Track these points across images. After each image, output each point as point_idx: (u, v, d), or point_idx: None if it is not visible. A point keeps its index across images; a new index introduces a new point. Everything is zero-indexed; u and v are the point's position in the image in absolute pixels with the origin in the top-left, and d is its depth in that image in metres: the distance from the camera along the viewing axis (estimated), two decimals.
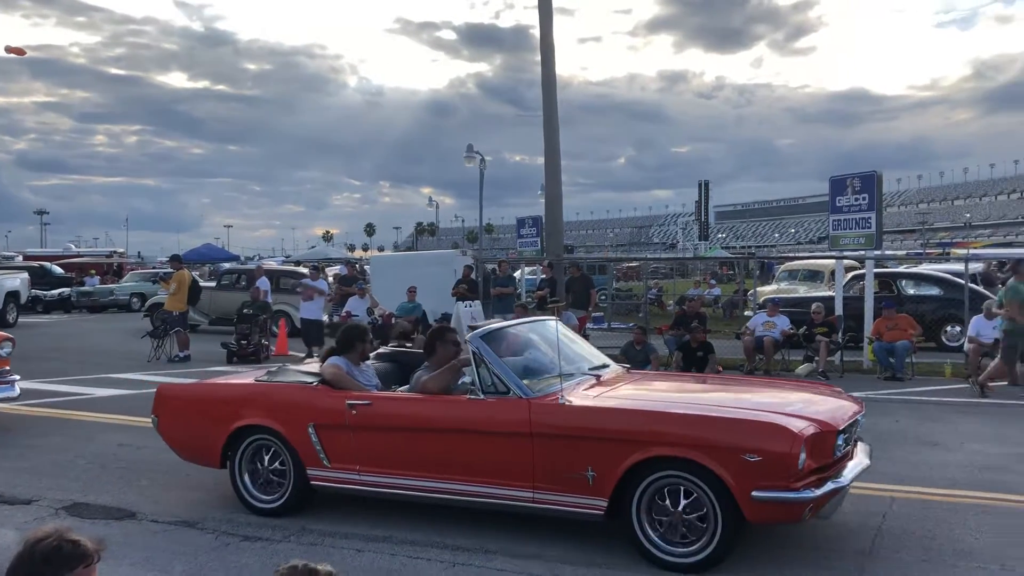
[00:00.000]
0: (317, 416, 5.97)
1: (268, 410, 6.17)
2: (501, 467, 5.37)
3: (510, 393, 5.42)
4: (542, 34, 18.73)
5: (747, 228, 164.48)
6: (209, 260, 38.66)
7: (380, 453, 5.80)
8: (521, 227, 23.22)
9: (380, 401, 5.93)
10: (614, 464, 5.02)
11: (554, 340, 6.21)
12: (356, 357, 6.34)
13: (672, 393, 6.26)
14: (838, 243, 15.15)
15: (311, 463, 6.00)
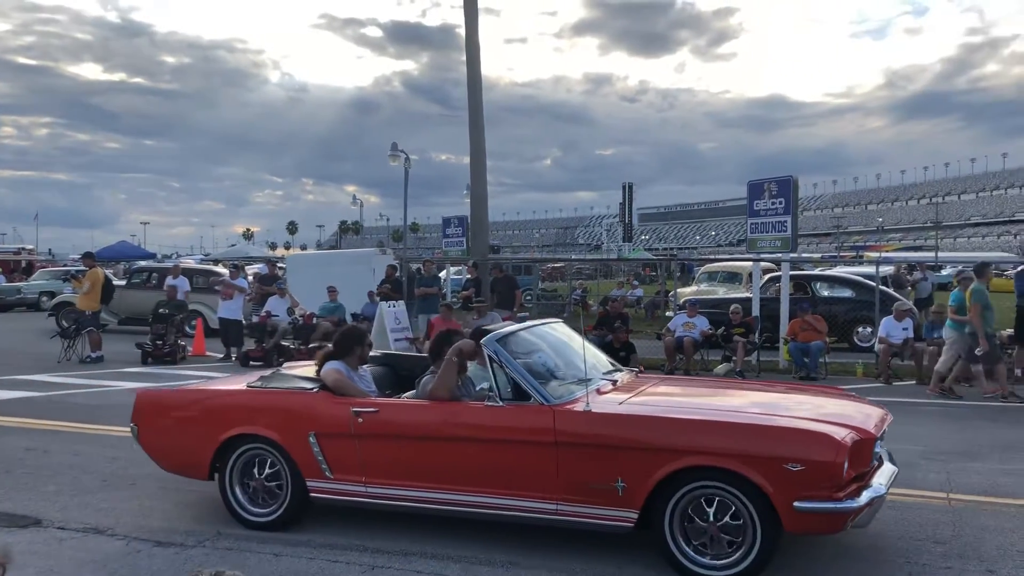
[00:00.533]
0: (319, 424, 5.63)
1: (263, 418, 5.81)
2: (522, 477, 5.12)
3: (531, 400, 5.19)
4: (467, 34, 18.72)
5: (669, 230, 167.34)
6: (124, 258, 37.53)
7: (389, 463, 5.49)
8: (447, 227, 23.16)
9: (389, 408, 5.61)
10: (646, 474, 4.83)
11: (558, 343, 6.04)
12: (355, 361, 6.05)
13: (698, 400, 5.96)
14: (755, 246, 15.50)
15: (311, 474, 5.66)
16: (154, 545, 5.47)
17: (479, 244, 19.09)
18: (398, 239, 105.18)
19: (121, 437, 8.73)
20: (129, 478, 7.09)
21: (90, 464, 7.57)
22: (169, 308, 15.77)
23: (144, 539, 5.58)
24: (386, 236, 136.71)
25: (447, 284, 22.10)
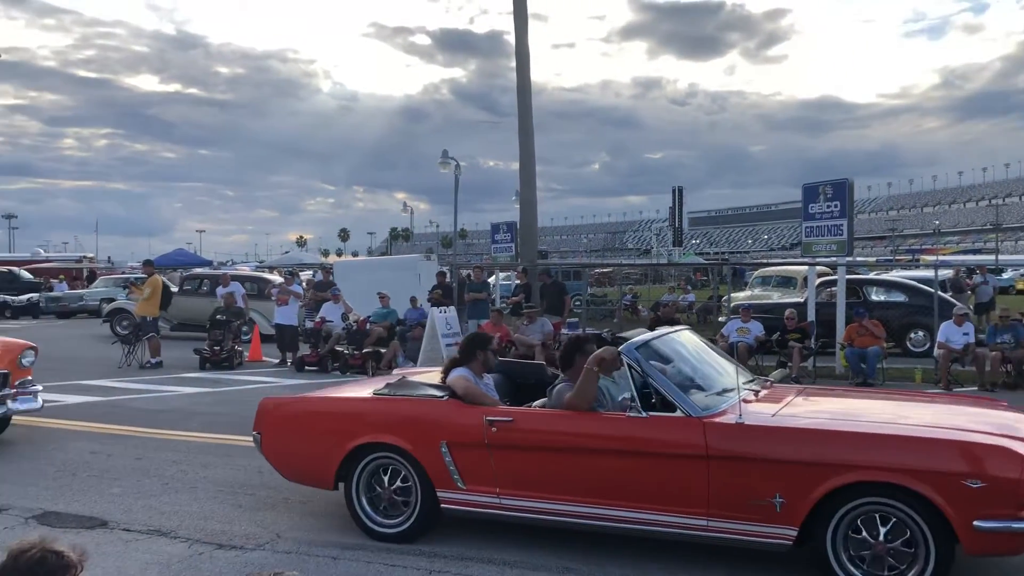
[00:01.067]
0: (451, 433, 5.46)
1: (393, 426, 5.66)
2: (669, 492, 4.92)
3: (676, 411, 4.99)
4: (517, 40, 18.79)
5: (720, 234, 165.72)
6: (181, 265, 38.28)
7: (525, 475, 5.30)
8: (496, 232, 23.25)
9: (525, 417, 5.42)
10: (807, 490, 4.61)
11: (689, 352, 5.82)
12: (479, 368, 5.91)
13: (856, 411, 5.57)
14: (810, 250, 15.30)
15: (442, 485, 5.49)
16: (215, 548, 5.58)
17: (528, 249, 19.13)
18: (447, 245, 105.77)
19: (180, 441, 8.95)
20: (189, 482, 7.24)
21: (152, 467, 7.74)
22: (226, 314, 16.06)
23: (206, 542, 5.69)
24: (435, 242, 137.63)
25: (496, 290, 22.16)
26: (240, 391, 12.83)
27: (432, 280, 20.09)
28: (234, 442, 8.84)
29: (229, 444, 8.76)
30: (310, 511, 6.38)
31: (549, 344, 13.96)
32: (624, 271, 37.78)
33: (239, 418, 10.31)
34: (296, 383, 13.69)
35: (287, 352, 16.14)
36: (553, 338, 14.21)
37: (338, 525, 6.01)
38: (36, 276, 35.82)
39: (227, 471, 7.59)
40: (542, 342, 13.76)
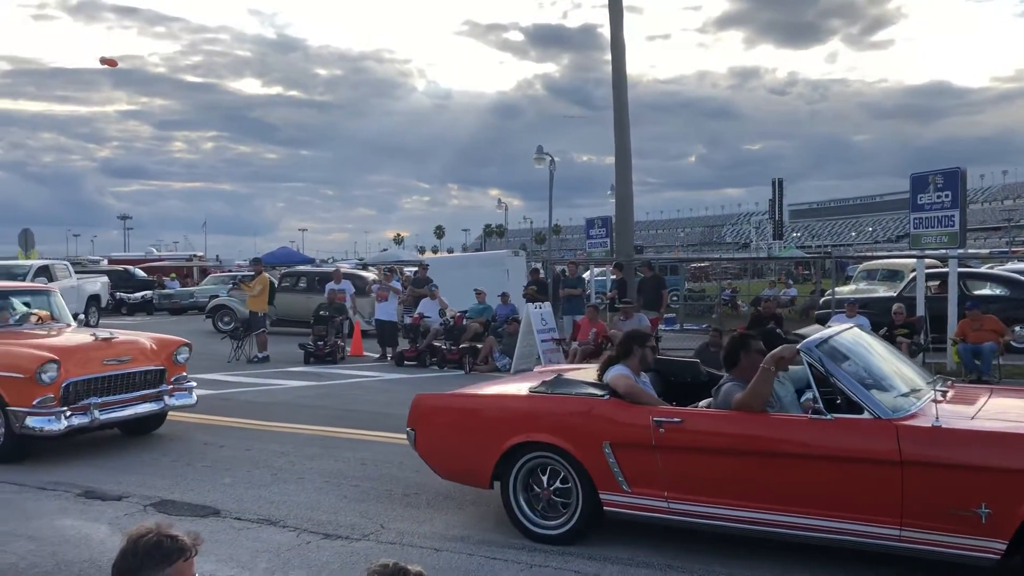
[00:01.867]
0: (615, 434, 5.31)
1: (553, 425, 5.53)
2: (858, 499, 4.67)
3: (863, 412, 4.75)
4: (612, 33, 18.64)
5: (823, 227, 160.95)
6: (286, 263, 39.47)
7: (695, 479, 5.11)
8: (591, 228, 23.15)
9: (695, 418, 5.23)
10: (1018, 500, 4.32)
11: (865, 350, 5.58)
12: (636, 365, 5.73)
13: None
14: (919, 242, 14.74)
15: (606, 486, 5.34)
16: (322, 537, 5.74)
17: (624, 244, 18.96)
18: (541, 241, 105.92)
19: (287, 433, 9.23)
20: (297, 472, 7.46)
21: (261, 458, 8.01)
22: (330, 311, 16.47)
23: (313, 531, 5.86)
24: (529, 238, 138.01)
25: (591, 285, 22.08)
26: (343, 384, 13.17)
27: (520, 276, 20.20)
28: (338, 435, 9.08)
29: (333, 436, 9.00)
30: (412, 503, 6.49)
31: None
32: (721, 265, 37.08)
33: (343, 411, 10.61)
34: (396, 377, 13.95)
35: (387, 347, 16.45)
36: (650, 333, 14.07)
37: (440, 517, 6.12)
38: (149, 274, 37.48)
39: (332, 462, 7.80)
40: None
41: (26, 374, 7.59)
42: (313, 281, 21.84)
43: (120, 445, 8.69)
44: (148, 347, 8.74)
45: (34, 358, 7.72)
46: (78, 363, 7.97)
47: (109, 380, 8.18)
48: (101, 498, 6.70)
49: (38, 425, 7.55)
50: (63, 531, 5.88)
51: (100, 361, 8.18)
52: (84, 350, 8.25)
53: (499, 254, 25.74)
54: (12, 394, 7.63)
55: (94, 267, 37.69)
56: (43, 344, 8.27)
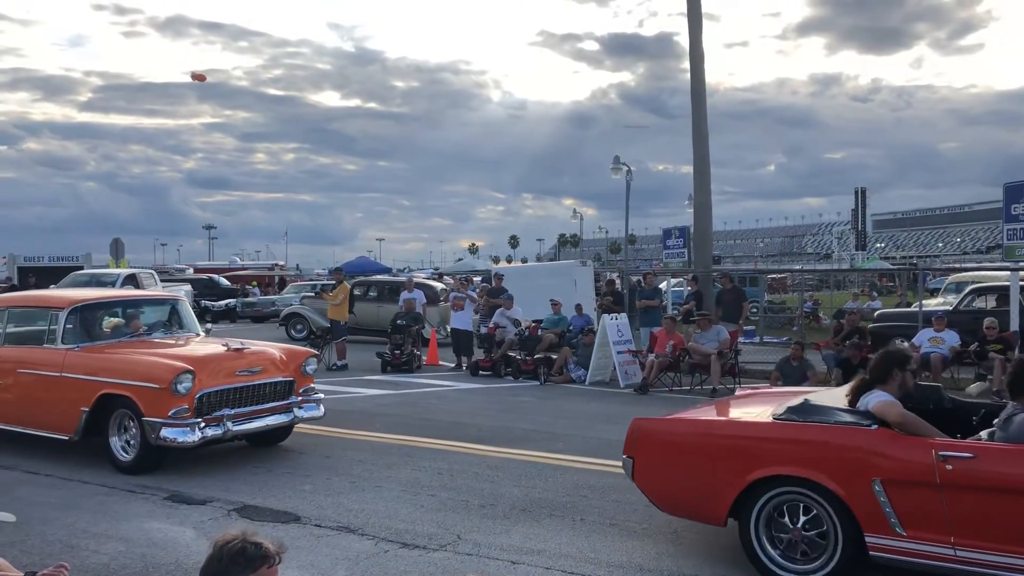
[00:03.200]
0: (887, 469, 4.73)
1: (808, 458, 4.96)
2: None
3: None
4: (691, 42, 18.46)
5: (908, 237, 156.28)
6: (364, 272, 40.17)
7: (991, 524, 4.47)
8: (667, 238, 22.90)
9: (990, 454, 4.58)
10: None
11: None
12: (895, 389, 5.05)
13: None
14: (1013, 253, 14.20)
15: (873, 528, 4.75)
16: (400, 547, 5.77)
17: (702, 255, 18.71)
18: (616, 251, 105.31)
19: (365, 441, 9.35)
20: (375, 480, 7.54)
21: (339, 466, 8.12)
22: (406, 320, 16.65)
23: (391, 540, 5.90)
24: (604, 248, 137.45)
25: (668, 296, 21.85)
26: (420, 393, 13.28)
27: (588, 286, 20.13)
28: (415, 444, 9.15)
29: (411, 445, 9.07)
30: (489, 514, 6.48)
31: (726, 353, 13.61)
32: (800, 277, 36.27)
33: (420, 420, 10.69)
34: (472, 387, 14.02)
35: (462, 356, 16.55)
36: (730, 346, 13.84)
37: (517, 529, 6.09)
38: (233, 283, 38.51)
39: (409, 472, 7.86)
40: (718, 351, 13.42)
41: (162, 384, 7.49)
42: (384, 290, 22.14)
43: (201, 452, 8.90)
44: (278, 358, 8.59)
45: (170, 368, 7.63)
46: (211, 374, 7.87)
47: (241, 391, 8.08)
48: (187, 502, 6.88)
49: (173, 436, 7.47)
50: (151, 534, 6.05)
51: (232, 372, 8.09)
52: (217, 360, 8.12)
53: (567, 264, 25.73)
54: (148, 404, 7.55)
55: (180, 275, 38.92)
56: (177, 354, 8.20)
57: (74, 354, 8.20)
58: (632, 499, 6.86)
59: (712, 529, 5.73)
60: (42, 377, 8.31)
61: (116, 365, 7.99)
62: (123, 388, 7.72)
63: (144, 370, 7.76)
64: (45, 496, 7.10)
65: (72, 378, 8.04)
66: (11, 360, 8.62)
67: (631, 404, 12.39)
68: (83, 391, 7.89)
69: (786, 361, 12.85)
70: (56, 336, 8.37)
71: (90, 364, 8.06)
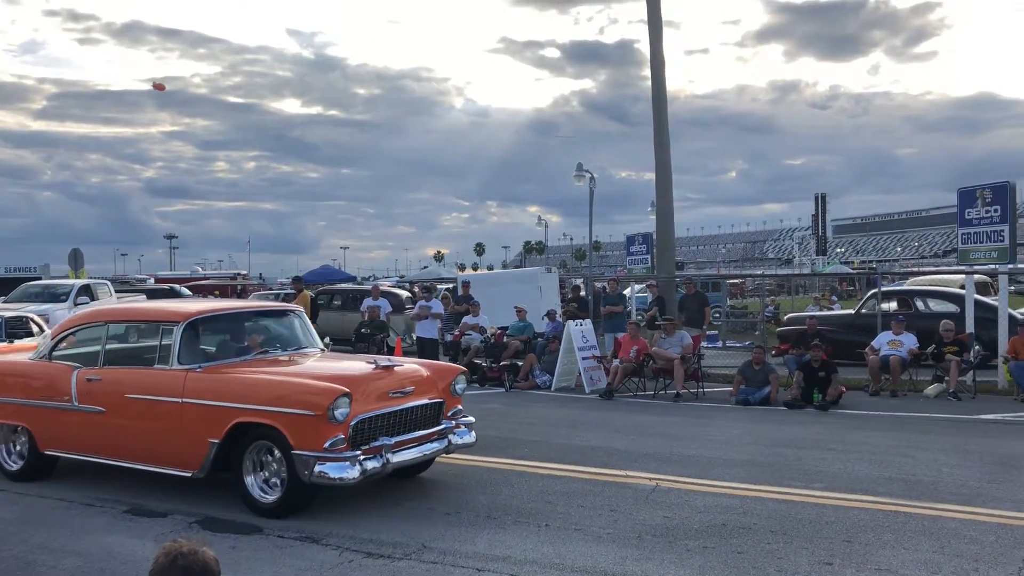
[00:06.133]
0: None
1: None
2: None
3: None
4: (652, 50, 18.61)
5: (867, 242, 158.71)
6: (327, 281, 39.89)
7: None
8: (631, 244, 23.07)
9: None
10: None
11: None
12: None
13: None
14: (967, 257, 14.49)
15: None
16: (364, 556, 5.73)
17: (665, 261, 18.85)
18: (581, 258, 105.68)
19: None
20: (339, 489, 7.47)
21: None
22: (371, 328, 16.58)
23: (355, 550, 5.86)
24: (569, 255, 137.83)
25: (632, 302, 21.97)
26: None
27: (553, 293, 20.20)
28: None
29: None
30: (455, 522, 6.47)
31: (689, 357, 13.72)
32: (757, 282, 36.63)
33: None
34: None
35: None
36: (693, 351, 13.96)
37: (483, 537, 6.08)
38: (195, 293, 38.06)
39: (373, 480, 7.79)
40: (681, 355, 13.53)
41: (316, 411, 6.35)
42: (348, 299, 22.03)
43: None
44: (426, 375, 7.58)
45: (326, 391, 6.50)
46: (365, 396, 6.78)
47: (394, 416, 7.03)
48: (147, 515, 6.78)
49: (331, 472, 6.32)
50: (110, 547, 5.96)
51: (385, 393, 7.04)
52: (368, 380, 7.04)
53: (532, 271, 25.79)
54: (298, 435, 6.40)
55: (140, 285, 38.37)
56: (326, 374, 7.14)
57: (196, 376, 7.04)
58: (597, 503, 6.91)
59: (678, 533, 5.76)
60: (157, 403, 7.12)
61: (255, 389, 6.81)
62: (265, 416, 6.55)
63: (294, 394, 6.65)
64: (0, 512, 6.97)
65: (197, 404, 6.87)
66: (116, 383, 7.42)
67: (596, 409, 12.45)
68: (211, 419, 6.75)
69: (748, 365, 12.98)
70: (171, 355, 7.18)
71: (219, 388, 6.91)
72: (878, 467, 8.21)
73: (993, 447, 9.19)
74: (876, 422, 11.00)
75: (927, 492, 7.17)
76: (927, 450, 8.99)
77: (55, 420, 7.70)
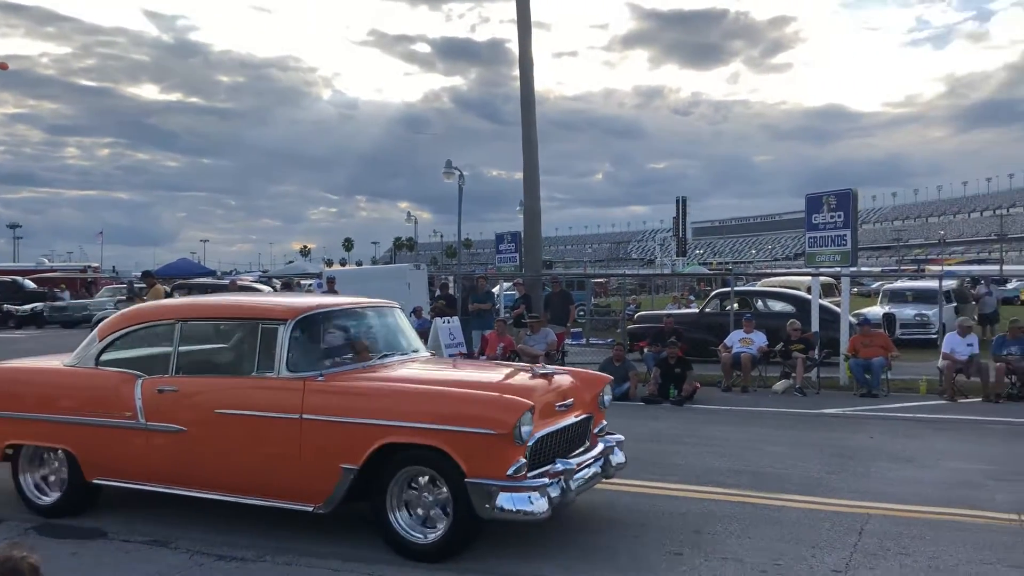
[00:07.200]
0: None
1: None
2: None
3: None
4: (521, 50, 18.79)
5: (724, 244, 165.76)
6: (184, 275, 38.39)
7: None
8: (500, 243, 23.27)
9: None
10: None
11: None
12: None
13: None
14: (814, 260, 15.30)
15: None
16: (215, 559, 5.55)
17: (532, 260, 19.08)
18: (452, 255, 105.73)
19: None
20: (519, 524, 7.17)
21: None
22: None
23: (205, 552, 5.66)
24: (440, 252, 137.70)
25: (500, 300, 22.16)
26: None
27: (422, 290, 20.18)
28: None
29: None
30: (315, 522, 6.33)
31: (553, 354, 13.94)
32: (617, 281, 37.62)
33: None
34: None
35: None
36: (557, 348, 14.19)
37: (341, 538, 5.98)
38: (40, 285, 35.89)
39: None
40: (546, 352, 13.74)
41: (500, 429, 5.17)
42: (206, 294, 21.22)
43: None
44: (576, 385, 6.43)
45: (510, 405, 5.34)
46: (540, 411, 5.66)
47: (562, 434, 5.96)
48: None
49: (517, 506, 5.16)
50: None
51: (552, 406, 5.94)
52: (539, 392, 5.88)
53: (401, 267, 25.73)
54: (474, 459, 5.22)
55: None
56: (491, 382, 6.02)
57: (319, 386, 5.75)
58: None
59: (537, 526, 5.84)
60: (264, 421, 5.77)
61: (411, 402, 5.56)
62: (427, 435, 5.34)
63: (468, 408, 5.43)
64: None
65: (323, 421, 5.60)
66: (200, 396, 6.07)
67: None
68: (345, 440, 5.52)
69: (609, 361, 13.30)
70: (277, 360, 5.86)
71: (356, 401, 5.67)
72: (729, 460, 8.57)
73: (834, 440, 9.74)
74: (728, 416, 11.51)
75: (773, 483, 7.54)
76: (775, 443, 9.46)
77: (110, 441, 6.25)
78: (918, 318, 20.77)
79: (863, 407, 12.06)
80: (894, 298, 23.10)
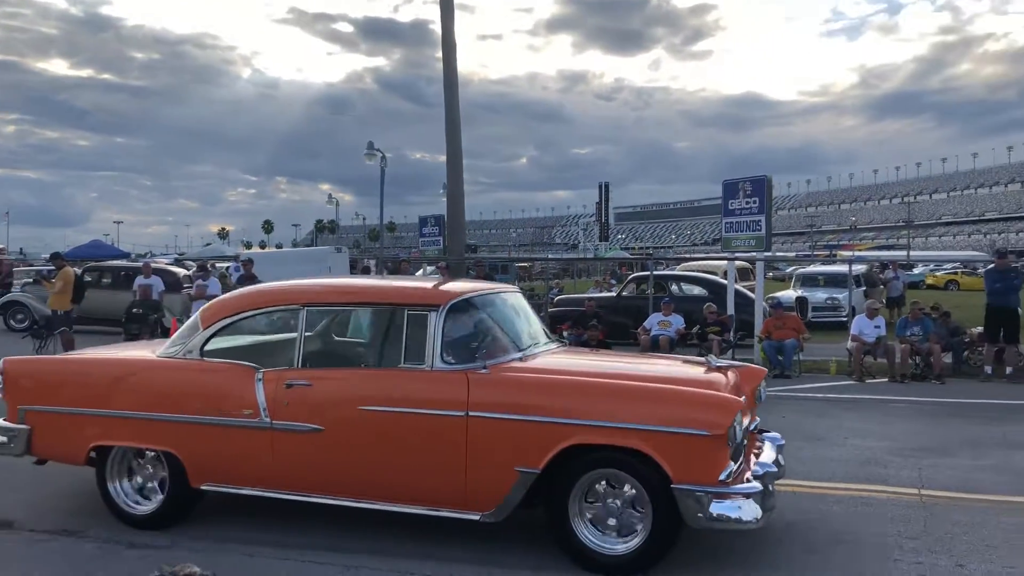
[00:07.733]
0: None
1: None
2: None
3: None
4: (444, 31, 18.67)
5: (646, 229, 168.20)
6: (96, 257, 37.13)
7: None
8: (424, 226, 23.19)
9: None
10: None
11: None
12: None
13: None
14: (730, 245, 15.64)
15: None
16: (127, 547, 5.42)
17: (456, 243, 19.06)
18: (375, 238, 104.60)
19: None
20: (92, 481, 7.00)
21: (56, 468, 7.46)
22: (143, 308, 15.62)
23: (116, 541, 5.52)
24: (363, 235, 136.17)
25: None
26: None
27: (343, 273, 20.00)
28: None
29: None
30: (224, 509, 6.24)
31: None
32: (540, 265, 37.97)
33: None
34: None
35: None
36: None
37: (251, 521, 5.90)
38: None
39: None
40: None
41: (714, 430, 4.65)
42: (119, 276, 20.60)
43: None
44: (741, 379, 5.83)
45: (724, 404, 4.88)
46: None
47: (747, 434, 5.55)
48: None
49: (733, 514, 4.66)
50: None
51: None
52: (729, 386, 5.41)
53: (322, 250, 25.43)
54: (682, 463, 4.69)
55: None
56: (682, 377, 5.49)
57: (485, 379, 5.15)
58: None
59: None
60: (422, 418, 5.14)
61: (606, 398, 4.99)
62: (624, 436, 4.78)
63: (674, 406, 4.85)
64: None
65: (494, 419, 4.98)
66: (338, 391, 5.42)
67: None
68: (523, 440, 4.93)
69: None
70: (429, 350, 5.22)
71: (534, 397, 5.05)
72: None
73: None
74: None
75: None
76: None
77: (225, 443, 5.57)
78: (829, 301, 21.50)
79: (776, 388, 12.38)
80: (806, 282, 23.84)
